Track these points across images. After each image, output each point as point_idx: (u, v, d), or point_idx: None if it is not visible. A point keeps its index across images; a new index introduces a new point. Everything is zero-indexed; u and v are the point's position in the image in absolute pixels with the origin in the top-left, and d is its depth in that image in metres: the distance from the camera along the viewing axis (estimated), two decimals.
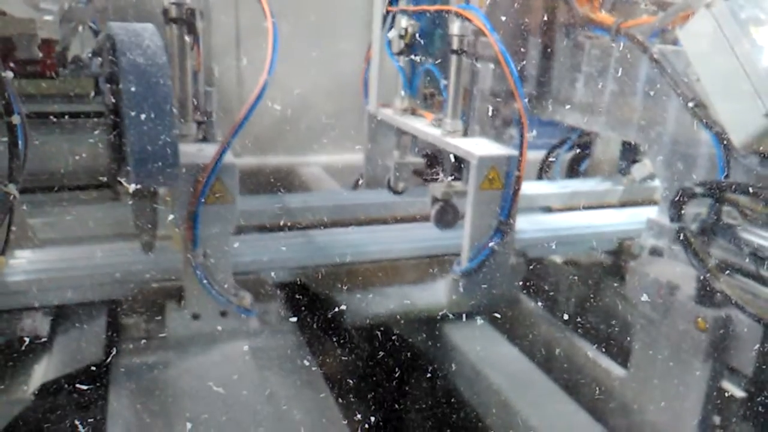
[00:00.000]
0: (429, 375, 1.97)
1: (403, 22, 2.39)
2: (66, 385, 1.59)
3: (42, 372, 1.61)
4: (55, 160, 1.50)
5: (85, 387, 1.61)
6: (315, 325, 1.94)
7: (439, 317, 1.97)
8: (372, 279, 2.04)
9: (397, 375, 2.03)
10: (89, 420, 1.68)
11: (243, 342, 1.76)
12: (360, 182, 2.80)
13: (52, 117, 1.48)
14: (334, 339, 1.96)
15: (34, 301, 1.74)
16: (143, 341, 1.74)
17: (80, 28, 1.98)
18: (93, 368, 1.62)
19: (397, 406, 1.99)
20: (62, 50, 1.67)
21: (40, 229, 1.91)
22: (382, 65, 2.59)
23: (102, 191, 1.56)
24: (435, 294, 2.02)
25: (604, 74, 2.47)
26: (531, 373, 1.78)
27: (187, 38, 1.86)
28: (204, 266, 1.72)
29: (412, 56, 2.46)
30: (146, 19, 1.63)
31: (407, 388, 2.01)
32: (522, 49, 2.58)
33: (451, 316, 1.97)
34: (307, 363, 1.69)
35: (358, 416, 1.62)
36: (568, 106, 2.60)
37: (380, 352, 2.03)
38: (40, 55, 1.40)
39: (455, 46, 2.14)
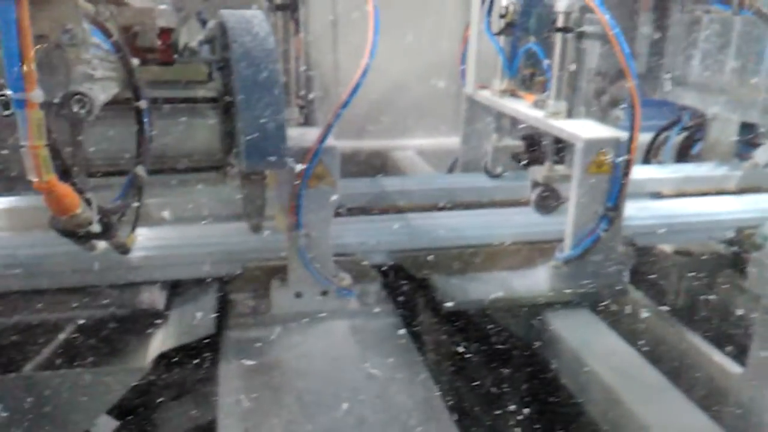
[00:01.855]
0: (528, 363, 1.92)
1: (504, 0, 2.32)
2: (181, 355, 1.70)
3: (159, 342, 1.72)
4: (170, 144, 1.58)
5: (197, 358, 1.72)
6: (412, 308, 1.95)
7: (539, 305, 1.91)
8: (469, 264, 2.01)
9: (495, 361, 2.00)
10: (201, 389, 1.79)
11: (343, 321, 1.79)
12: (455, 166, 2.77)
13: (168, 103, 1.57)
14: (432, 323, 1.96)
15: (152, 277, 1.87)
16: (250, 317, 1.82)
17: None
18: (205, 340, 1.71)
19: (494, 391, 1.96)
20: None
21: (156, 209, 2.03)
22: (480, 46, 2.54)
23: (213, 173, 1.63)
24: (535, 281, 1.96)
25: (725, 50, 2.29)
26: (640, 367, 1.69)
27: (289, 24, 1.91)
28: (306, 247, 1.76)
29: (513, 35, 2.39)
30: (249, 7, 1.68)
31: (505, 375, 1.98)
32: (632, 26, 2.44)
33: (552, 304, 1.91)
34: (405, 344, 1.70)
35: (455, 400, 1.61)
36: (683, 86, 2.44)
37: (478, 338, 2.00)
38: (159, 43, 1.47)
39: (561, 23, 2.05)
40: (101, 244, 1.19)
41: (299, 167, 1.65)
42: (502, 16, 2.35)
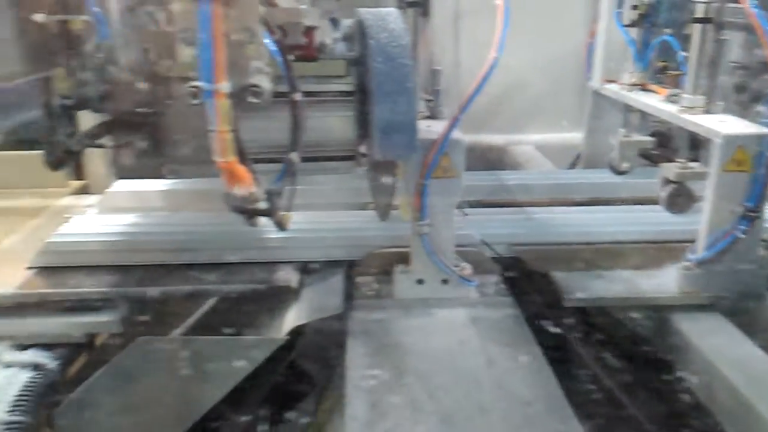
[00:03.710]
0: (654, 367, 1.86)
1: None
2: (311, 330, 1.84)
3: (292, 317, 1.86)
4: (308, 134, 1.71)
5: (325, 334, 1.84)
6: (532, 302, 1.96)
7: (667, 306, 1.85)
8: (593, 261, 1.98)
9: (618, 363, 1.95)
10: (329, 362, 1.92)
11: (463, 309, 1.84)
12: (578, 162, 2.72)
13: (309, 96, 1.69)
14: (552, 318, 1.95)
15: (286, 257, 2.02)
16: (374, 299, 1.92)
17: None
18: (333, 318, 1.83)
19: (616, 394, 1.92)
20: None
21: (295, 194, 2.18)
22: (609, 38, 2.47)
23: (346, 162, 1.74)
24: (664, 282, 1.89)
25: None
26: None
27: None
28: (429, 236, 1.83)
29: (646, 27, 2.30)
30: (378, 5, 1.76)
31: (629, 378, 1.93)
32: None
33: (682, 306, 1.84)
34: (525, 336, 1.72)
35: (575, 397, 1.60)
36: None
37: (600, 337, 1.97)
38: (304, 40, 1.59)
39: (701, 13, 1.95)
40: (262, 220, 1.33)
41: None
42: (634, 7, 2.27)
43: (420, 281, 1.89)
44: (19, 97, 1.51)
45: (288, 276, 1.95)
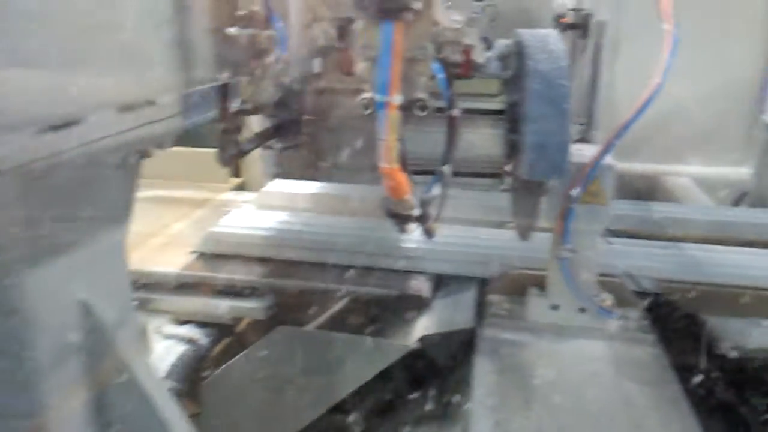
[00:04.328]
0: None
1: None
2: (440, 341, 1.86)
3: (422, 326, 1.90)
4: (461, 150, 1.74)
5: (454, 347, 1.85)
6: (678, 343, 1.82)
7: None
8: (752, 307, 1.81)
9: None
10: (455, 375, 1.92)
11: (599, 342, 1.76)
12: (742, 199, 2.50)
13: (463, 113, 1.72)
14: (701, 364, 1.80)
15: (421, 267, 2.07)
16: (504, 319, 1.90)
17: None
18: (461, 332, 1.84)
19: None
20: None
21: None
22: None
23: (492, 179, 1.75)
24: None
25: None
26: None
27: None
28: (570, 261, 1.78)
29: None
30: (533, 26, 1.75)
31: None
32: None
33: None
34: (668, 378, 1.61)
35: None
36: None
37: (753, 392, 1.79)
38: (462, 58, 1.63)
39: None
40: (412, 227, 1.39)
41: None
42: None
43: (555, 307, 1.84)
44: (202, 100, 1.71)
45: (420, 286, 1.99)
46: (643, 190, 3.03)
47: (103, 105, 1.01)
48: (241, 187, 3.21)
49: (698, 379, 1.70)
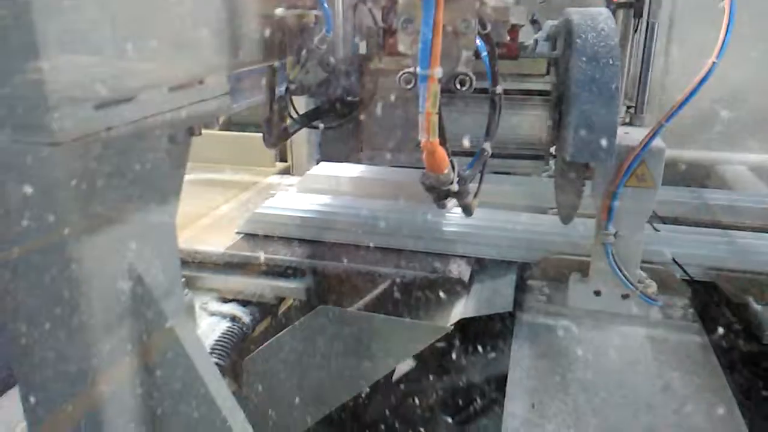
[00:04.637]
0: None
1: None
2: (478, 325, 1.86)
3: (460, 309, 1.90)
4: (502, 131, 1.72)
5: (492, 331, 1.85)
6: (725, 333, 1.77)
7: None
8: None
9: None
10: (492, 359, 1.93)
11: (642, 329, 1.74)
12: None
13: (507, 94, 1.70)
14: (749, 354, 1.75)
15: (461, 251, 2.07)
16: (544, 304, 1.89)
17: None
18: (500, 316, 1.84)
19: None
20: None
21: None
22: None
23: (535, 162, 1.73)
24: None
25: None
26: None
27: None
28: (614, 246, 1.75)
29: None
30: (583, 5, 1.71)
31: None
32: None
33: None
34: (711, 366, 1.57)
35: None
36: None
37: None
38: (508, 38, 1.62)
39: None
40: (451, 203, 1.40)
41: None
42: None
43: (597, 293, 1.82)
44: (249, 82, 1.74)
45: (460, 269, 1.99)
46: (696, 177, 2.94)
47: (155, 84, 1.06)
48: (287, 171, 3.27)
49: (746, 369, 1.65)
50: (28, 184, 0.89)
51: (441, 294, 1.99)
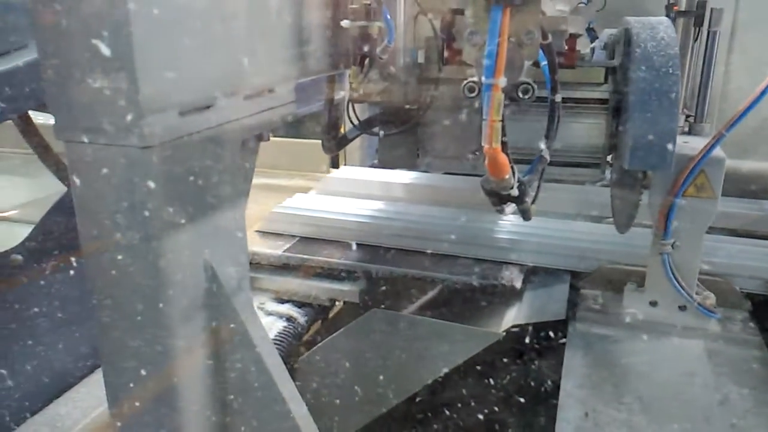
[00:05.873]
0: None
1: None
2: (530, 332, 1.87)
3: (512, 316, 1.91)
4: (560, 139, 1.73)
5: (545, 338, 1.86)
6: None
7: None
8: None
9: None
10: (544, 367, 1.93)
11: (699, 341, 1.71)
12: None
13: (565, 102, 1.71)
14: None
15: (514, 258, 2.08)
16: (598, 314, 1.88)
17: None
18: (553, 324, 1.84)
19: None
20: None
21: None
22: None
23: (591, 170, 1.74)
24: None
25: None
26: None
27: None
28: (672, 257, 1.73)
29: None
30: (641, 15, 1.70)
31: None
32: None
33: None
34: None
35: None
36: None
37: None
38: (566, 47, 1.63)
39: None
40: (510, 208, 1.43)
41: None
42: None
43: (653, 303, 1.80)
44: (313, 89, 1.81)
45: (512, 276, 2.01)
46: (758, 189, 2.85)
47: (232, 93, 1.13)
48: None
49: None
50: (119, 184, 0.97)
51: (493, 300, 2.01)
